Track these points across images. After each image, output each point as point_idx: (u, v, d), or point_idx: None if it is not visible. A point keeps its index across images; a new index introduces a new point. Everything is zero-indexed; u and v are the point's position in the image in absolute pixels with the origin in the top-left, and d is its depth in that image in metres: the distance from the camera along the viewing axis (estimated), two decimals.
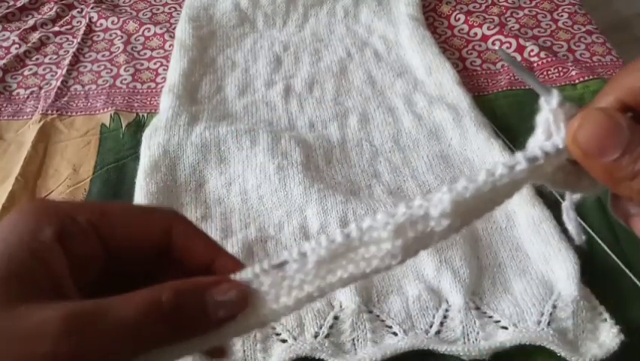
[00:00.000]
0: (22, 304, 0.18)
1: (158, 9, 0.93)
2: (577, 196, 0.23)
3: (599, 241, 0.52)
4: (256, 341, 0.47)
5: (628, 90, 0.21)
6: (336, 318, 0.48)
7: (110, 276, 0.22)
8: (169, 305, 0.20)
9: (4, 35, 0.88)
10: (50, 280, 0.19)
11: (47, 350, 0.17)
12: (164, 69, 0.80)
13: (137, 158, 0.64)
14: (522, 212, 0.54)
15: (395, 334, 0.47)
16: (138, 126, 0.71)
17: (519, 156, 0.21)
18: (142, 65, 0.82)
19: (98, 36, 0.87)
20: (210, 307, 0.21)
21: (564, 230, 0.49)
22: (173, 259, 0.23)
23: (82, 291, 0.20)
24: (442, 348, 0.44)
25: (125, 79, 0.79)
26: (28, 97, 0.77)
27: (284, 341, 0.46)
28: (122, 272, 0.23)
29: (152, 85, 0.78)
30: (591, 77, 0.73)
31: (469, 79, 0.76)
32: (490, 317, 0.47)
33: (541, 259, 0.51)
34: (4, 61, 0.82)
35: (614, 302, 0.47)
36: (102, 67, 0.82)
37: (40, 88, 0.79)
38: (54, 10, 0.92)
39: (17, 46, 0.85)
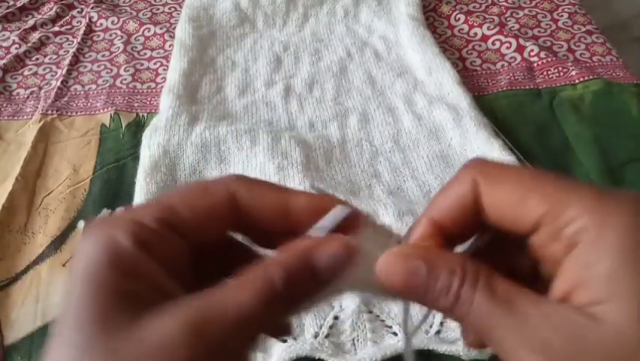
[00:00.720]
0: (138, 320, 0.18)
1: (158, 9, 0.93)
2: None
3: None
4: None
5: (440, 212, 0.22)
6: (336, 318, 0.48)
7: (202, 261, 0.22)
8: (282, 284, 0.19)
9: (4, 35, 0.88)
10: (150, 286, 0.19)
11: None
12: (164, 69, 0.80)
13: (137, 158, 0.64)
14: None
15: (395, 334, 0.47)
16: (138, 126, 0.71)
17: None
18: (142, 65, 0.82)
19: (98, 36, 0.87)
20: (320, 272, 0.20)
21: None
22: (250, 222, 0.22)
23: (185, 286, 0.20)
24: (442, 348, 0.44)
25: (125, 79, 0.79)
26: (28, 97, 0.77)
27: (284, 340, 0.46)
28: (211, 253, 0.22)
29: (152, 85, 0.78)
30: (591, 77, 0.73)
31: (469, 79, 0.76)
32: None
33: None
34: (4, 61, 0.82)
35: None
36: (102, 67, 0.82)
37: (40, 88, 0.79)
38: (54, 10, 0.92)
39: (17, 46, 0.85)
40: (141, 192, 0.58)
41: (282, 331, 0.24)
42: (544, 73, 0.76)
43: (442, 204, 0.23)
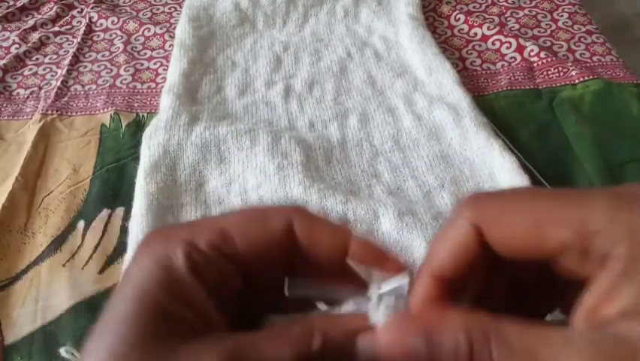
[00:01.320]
0: (179, 349, 0.18)
1: (158, 9, 0.93)
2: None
3: None
4: None
5: (441, 265, 0.21)
6: None
7: (250, 288, 0.21)
8: (319, 350, 0.19)
9: (4, 35, 0.88)
10: (195, 314, 0.19)
11: None
12: (164, 69, 0.80)
13: (137, 158, 0.64)
14: None
15: None
16: (138, 126, 0.71)
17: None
18: (142, 65, 0.82)
19: (98, 36, 0.87)
20: (360, 356, 0.20)
21: None
22: (305, 257, 0.22)
23: (225, 313, 0.20)
24: None
25: (125, 79, 0.79)
26: (28, 97, 0.77)
27: None
28: (261, 282, 0.22)
29: (152, 85, 0.78)
30: (591, 77, 0.73)
31: (469, 79, 0.76)
32: None
33: None
34: (4, 61, 0.82)
35: None
36: (102, 67, 0.82)
37: (40, 88, 0.79)
38: (54, 10, 0.92)
39: (17, 46, 0.85)
40: (141, 192, 0.58)
41: None
42: (544, 73, 0.76)
43: (441, 255, 0.21)
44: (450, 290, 0.21)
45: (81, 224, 0.60)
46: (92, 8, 0.91)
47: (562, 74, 0.75)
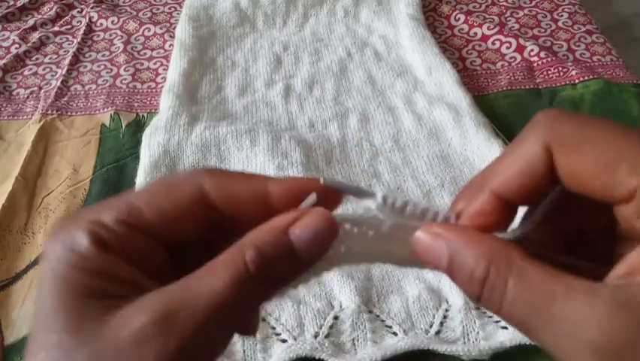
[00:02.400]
0: (109, 316, 0.17)
1: (158, 9, 0.93)
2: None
3: None
4: (256, 341, 0.47)
5: (505, 183, 0.20)
6: (336, 318, 0.48)
7: (191, 257, 0.20)
8: (255, 265, 0.18)
9: (4, 35, 0.88)
10: (119, 284, 0.18)
11: (152, 358, 0.17)
12: (164, 69, 0.80)
13: (137, 158, 0.64)
14: None
15: (395, 334, 0.47)
16: (138, 126, 0.71)
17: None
18: (142, 65, 0.82)
19: (98, 36, 0.87)
20: (299, 249, 0.19)
21: None
22: (228, 215, 0.21)
23: (161, 282, 0.19)
24: (442, 348, 0.44)
25: (125, 79, 0.79)
26: (28, 97, 0.77)
27: (284, 341, 0.46)
28: (200, 247, 0.21)
29: (152, 85, 0.78)
30: (591, 76, 0.73)
31: (469, 79, 0.76)
32: (490, 316, 0.47)
33: None
34: (4, 61, 0.82)
35: None
36: (102, 67, 0.82)
37: (40, 88, 0.79)
38: (54, 10, 0.92)
39: (17, 46, 0.85)
40: None
41: (250, 328, 0.22)
42: (544, 73, 0.76)
43: (506, 173, 0.20)
44: (506, 211, 0.20)
45: None
46: (91, 8, 0.91)
47: (562, 73, 0.75)
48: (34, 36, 0.87)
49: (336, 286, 0.50)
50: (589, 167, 0.18)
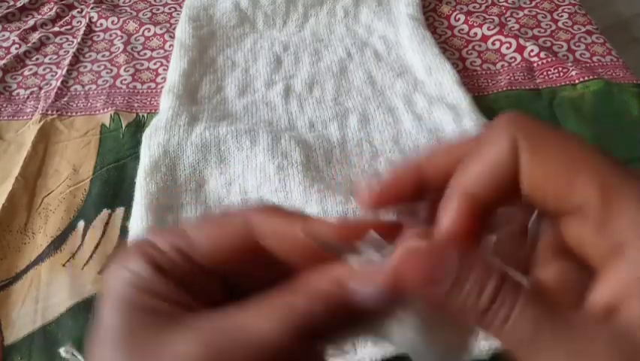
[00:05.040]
0: (161, 334, 0.18)
1: (158, 9, 0.93)
2: None
3: None
4: None
5: (475, 184, 0.19)
6: None
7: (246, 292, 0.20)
8: (307, 314, 0.17)
9: (4, 35, 0.88)
10: (171, 303, 0.19)
11: None
12: (164, 69, 0.80)
13: (137, 158, 0.64)
14: None
15: None
16: (138, 126, 0.71)
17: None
18: (142, 65, 0.82)
19: (98, 36, 0.87)
20: (356, 303, 0.18)
21: None
22: (275, 253, 0.20)
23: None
24: None
25: (125, 79, 0.79)
26: (28, 97, 0.77)
27: None
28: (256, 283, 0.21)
29: (152, 85, 0.78)
30: (591, 77, 0.73)
31: (469, 79, 0.76)
32: None
33: None
34: (4, 61, 0.82)
35: None
36: (102, 67, 0.82)
37: (40, 88, 0.79)
38: (54, 10, 0.92)
39: (17, 46, 0.85)
40: (141, 192, 0.58)
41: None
42: (544, 73, 0.76)
43: (475, 172, 0.19)
44: (482, 215, 0.19)
45: (81, 224, 0.60)
46: (91, 8, 0.91)
47: (562, 74, 0.75)
48: (34, 36, 0.87)
49: None
50: (548, 171, 0.18)
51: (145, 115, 0.73)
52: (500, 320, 0.17)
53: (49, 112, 0.73)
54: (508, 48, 0.80)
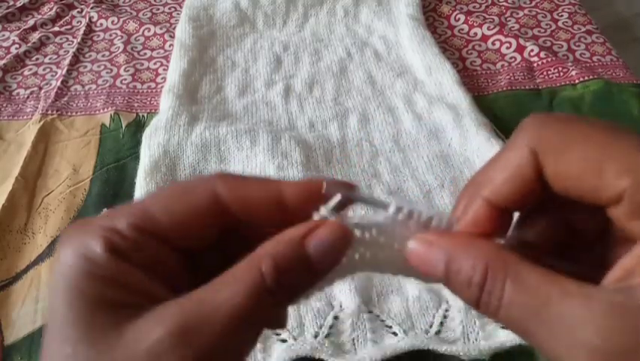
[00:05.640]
0: (123, 327, 0.17)
1: (158, 9, 0.93)
2: None
3: None
4: None
5: (496, 190, 0.20)
6: (336, 318, 0.48)
7: (205, 262, 0.21)
8: (272, 278, 0.18)
9: (4, 35, 0.88)
10: (132, 293, 0.18)
11: None
12: (164, 69, 0.80)
13: (137, 158, 0.64)
14: None
15: (395, 334, 0.47)
16: (138, 126, 0.71)
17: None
18: (142, 65, 0.82)
19: (98, 36, 0.87)
20: (314, 260, 0.19)
21: None
22: (243, 219, 0.20)
23: (180, 291, 0.19)
24: (442, 348, 0.44)
25: (125, 79, 0.79)
26: (28, 97, 0.77)
27: (284, 341, 0.46)
28: (214, 253, 0.21)
29: (152, 85, 0.78)
30: (591, 77, 0.73)
31: (469, 79, 0.76)
32: None
33: None
34: (4, 61, 0.82)
35: None
36: (102, 67, 0.82)
37: (40, 88, 0.79)
38: (54, 10, 0.92)
39: (17, 46, 0.85)
40: (141, 192, 0.58)
41: (278, 323, 0.22)
42: (544, 73, 0.76)
43: (496, 179, 0.20)
44: (501, 218, 0.20)
45: None
46: (91, 8, 0.91)
47: (562, 74, 0.75)
48: (34, 36, 0.87)
49: (336, 286, 0.50)
50: (575, 170, 0.18)
51: (145, 115, 0.73)
52: (493, 308, 0.18)
53: (49, 112, 0.73)
54: (508, 48, 0.80)
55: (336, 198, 0.20)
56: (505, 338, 0.45)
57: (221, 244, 0.21)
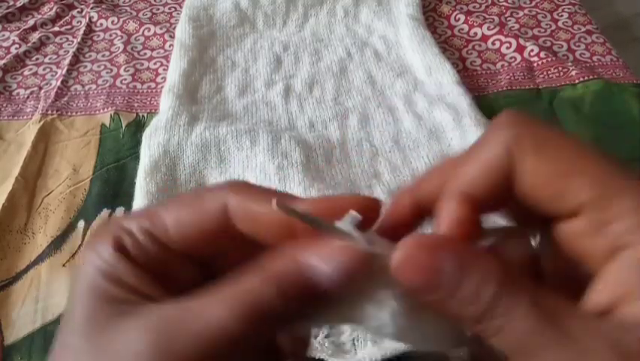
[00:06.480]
0: (117, 323, 0.18)
1: (158, 9, 0.93)
2: None
3: None
4: None
5: (472, 183, 0.19)
6: None
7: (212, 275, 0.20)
8: (269, 297, 0.17)
9: (4, 35, 0.88)
10: (130, 291, 0.18)
11: None
12: (164, 69, 0.80)
13: (137, 158, 0.64)
14: None
15: None
16: (138, 126, 0.71)
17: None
18: (142, 65, 0.82)
19: (98, 36, 0.87)
20: (319, 283, 0.17)
21: None
22: (250, 236, 0.20)
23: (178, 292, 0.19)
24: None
25: (125, 79, 0.79)
26: (28, 97, 0.77)
27: None
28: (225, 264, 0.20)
29: (152, 85, 0.78)
30: (591, 77, 0.73)
31: (469, 79, 0.76)
32: None
33: None
34: (4, 61, 0.82)
35: None
36: (102, 67, 0.82)
37: (40, 88, 0.79)
38: (54, 10, 0.92)
39: (17, 46, 0.85)
40: (141, 192, 0.58)
41: (297, 347, 0.20)
42: (544, 73, 0.76)
43: (472, 173, 0.19)
44: (476, 219, 0.19)
45: (81, 224, 0.60)
46: (91, 8, 0.91)
47: (562, 74, 0.75)
48: (34, 36, 0.87)
49: None
50: (543, 174, 0.18)
51: (145, 115, 0.73)
52: (495, 327, 0.16)
53: (49, 112, 0.73)
54: (508, 48, 0.80)
55: (352, 214, 0.18)
56: None
57: (233, 251, 0.21)
